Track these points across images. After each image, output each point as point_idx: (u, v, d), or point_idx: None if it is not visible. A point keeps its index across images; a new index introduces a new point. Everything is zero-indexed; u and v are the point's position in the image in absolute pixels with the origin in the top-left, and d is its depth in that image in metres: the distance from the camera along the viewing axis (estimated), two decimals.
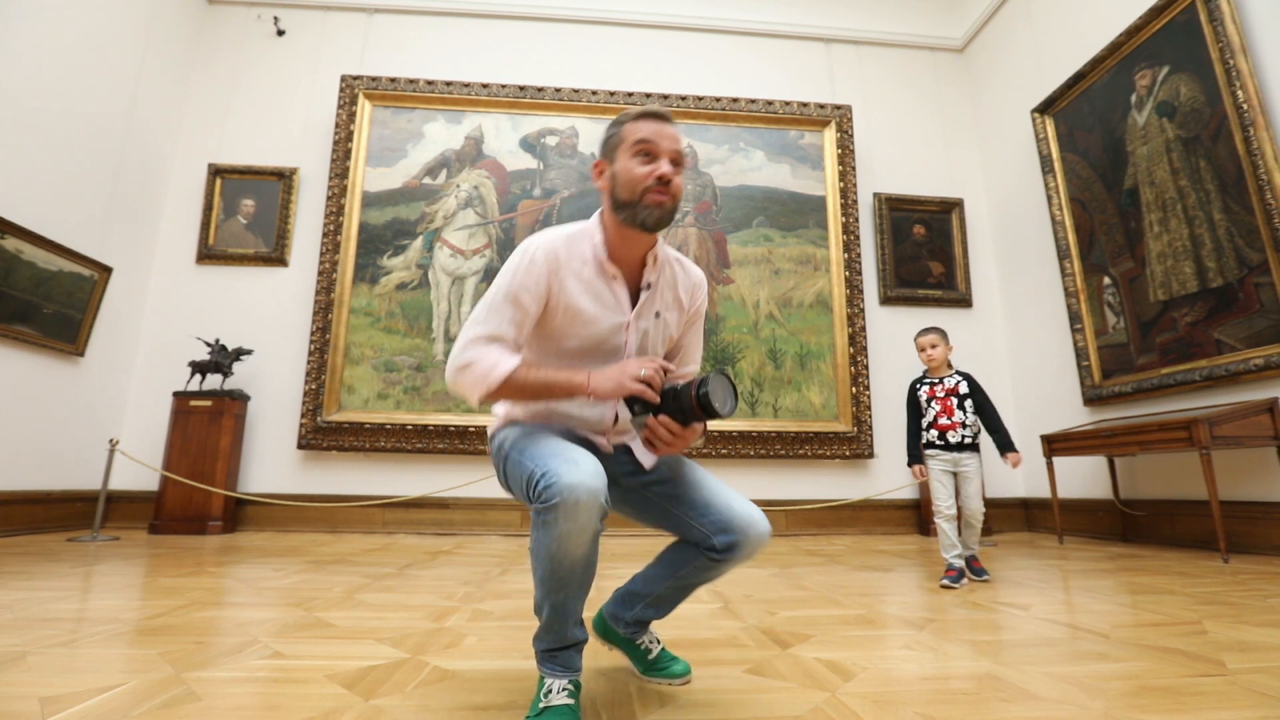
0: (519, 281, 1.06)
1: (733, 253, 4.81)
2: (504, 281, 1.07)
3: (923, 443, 2.48)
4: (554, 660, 1.01)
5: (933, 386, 2.50)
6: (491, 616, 1.74)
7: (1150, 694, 1.11)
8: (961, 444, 2.42)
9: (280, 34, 4.95)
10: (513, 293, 1.06)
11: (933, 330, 2.54)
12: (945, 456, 2.43)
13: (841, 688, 1.14)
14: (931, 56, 5.47)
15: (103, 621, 1.58)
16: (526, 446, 1.02)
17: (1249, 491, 3.11)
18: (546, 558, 0.95)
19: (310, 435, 4.22)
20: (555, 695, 0.98)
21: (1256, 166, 3.06)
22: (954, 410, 2.42)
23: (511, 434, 1.08)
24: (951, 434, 2.41)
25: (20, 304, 3.51)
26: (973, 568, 2.39)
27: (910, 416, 2.54)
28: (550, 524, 0.92)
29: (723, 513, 1.11)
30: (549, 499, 0.91)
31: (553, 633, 1.00)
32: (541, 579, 0.97)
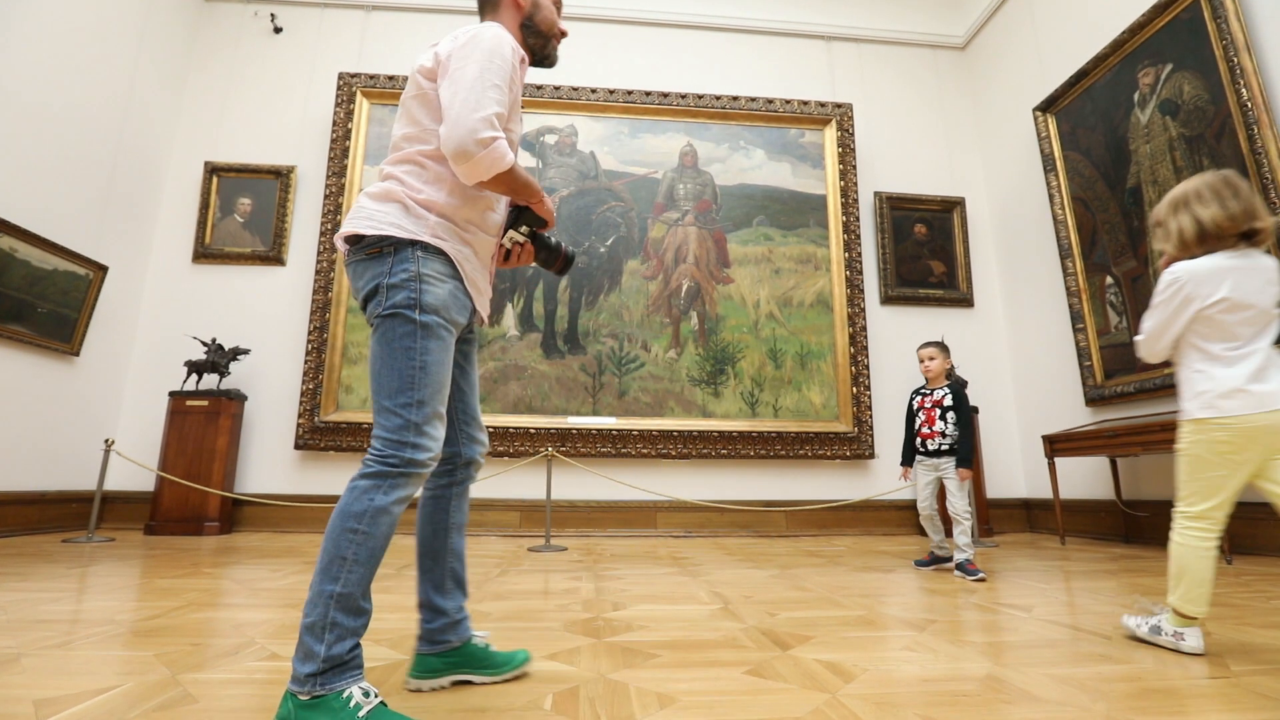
0: (510, 69, 1.06)
1: (733, 252, 4.79)
2: (495, 65, 1.04)
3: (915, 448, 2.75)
4: (354, 660, 0.91)
5: (924, 397, 2.74)
6: (490, 618, 1.73)
7: (1152, 696, 1.11)
8: (940, 450, 2.64)
9: (277, 31, 4.94)
10: (507, 77, 1.05)
11: (933, 344, 2.74)
12: (928, 462, 2.70)
13: (842, 689, 1.13)
14: (933, 54, 5.46)
15: (98, 623, 1.57)
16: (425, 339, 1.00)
17: (1251, 493, 3.09)
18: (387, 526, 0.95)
19: (308, 435, 4.20)
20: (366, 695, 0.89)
21: (1260, 165, 3.04)
22: (935, 420, 2.64)
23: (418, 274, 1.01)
24: (930, 442, 2.67)
25: (15, 303, 3.49)
26: (967, 569, 2.48)
27: (907, 423, 2.81)
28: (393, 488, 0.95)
29: (478, 426, 1.22)
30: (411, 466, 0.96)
31: (361, 616, 0.93)
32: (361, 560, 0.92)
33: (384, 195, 1.06)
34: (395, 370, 0.99)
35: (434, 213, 1.06)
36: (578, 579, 2.44)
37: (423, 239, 1.03)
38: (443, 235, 1.06)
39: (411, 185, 1.06)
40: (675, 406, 4.48)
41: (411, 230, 1.03)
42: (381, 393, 1.00)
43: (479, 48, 1.04)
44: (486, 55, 1.03)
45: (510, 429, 4.30)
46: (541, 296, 4.61)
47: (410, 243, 1.03)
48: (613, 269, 4.69)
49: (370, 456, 0.98)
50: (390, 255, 1.02)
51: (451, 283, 1.06)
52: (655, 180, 4.87)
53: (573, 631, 1.57)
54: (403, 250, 1.02)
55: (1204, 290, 1.30)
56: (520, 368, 4.45)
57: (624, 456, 4.35)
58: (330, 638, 0.90)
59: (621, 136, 4.90)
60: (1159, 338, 1.38)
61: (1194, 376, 1.35)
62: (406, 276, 1.01)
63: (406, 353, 0.99)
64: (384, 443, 0.98)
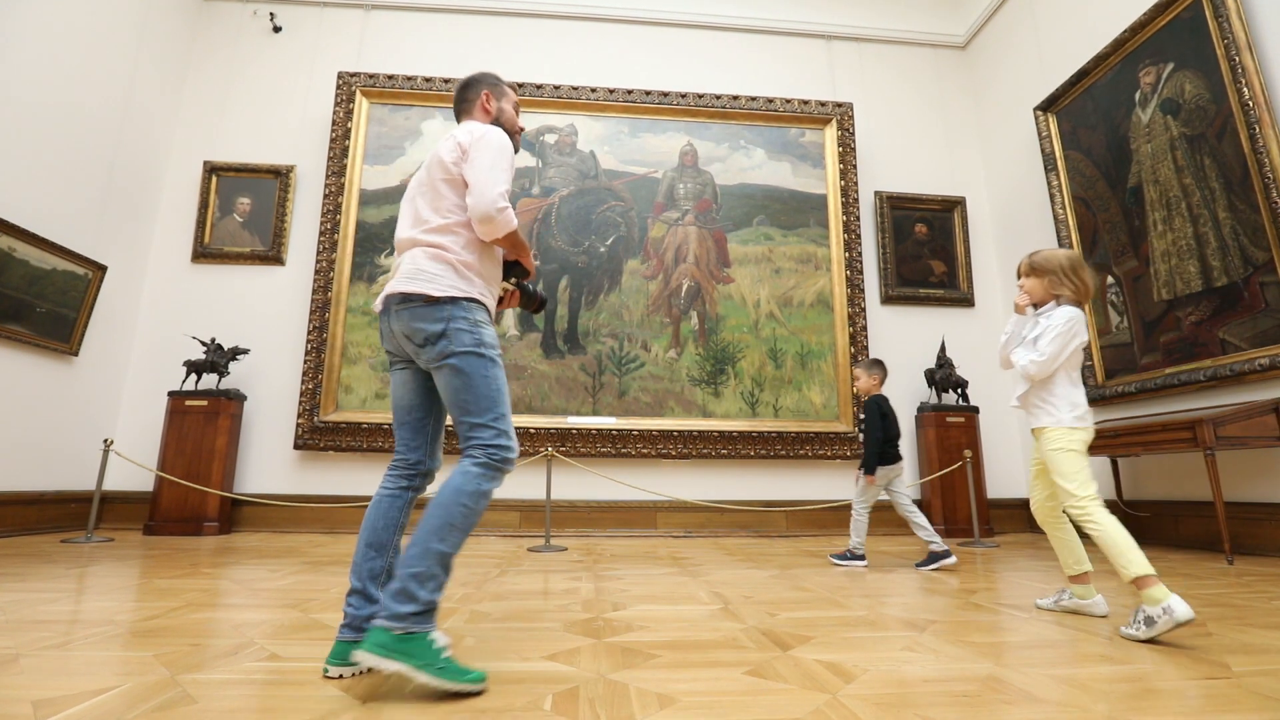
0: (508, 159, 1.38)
1: (733, 251, 4.79)
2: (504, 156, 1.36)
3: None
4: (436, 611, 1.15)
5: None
6: (489, 618, 1.73)
7: (1154, 696, 1.10)
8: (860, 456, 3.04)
9: (276, 30, 4.93)
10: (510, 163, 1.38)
11: (858, 363, 3.16)
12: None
13: (843, 690, 1.13)
14: (933, 54, 5.45)
15: (97, 623, 1.57)
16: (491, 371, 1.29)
17: (1254, 492, 3.10)
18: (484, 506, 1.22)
19: (307, 435, 4.20)
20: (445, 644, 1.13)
21: (1262, 164, 3.04)
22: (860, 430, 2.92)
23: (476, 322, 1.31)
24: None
25: (13, 303, 3.49)
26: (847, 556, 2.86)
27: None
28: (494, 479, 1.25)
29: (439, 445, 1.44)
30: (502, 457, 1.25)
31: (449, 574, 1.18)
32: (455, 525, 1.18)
33: (437, 259, 1.33)
34: (481, 395, 1.27)
35: (474, 273, 1.35)
36: (577, 579, 2.43)
37: (473, 295, 1.33)
38: (483, 291, 1.37)
39: (456, 251, 1.34)
40: (675, 406, 4.47)
41: (465, 289, 1.32)
42: (472, 413, 1.27)
43: (491, 144, 1.36)
44: (497, 149, 1.35)
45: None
46: None
47: (468, 299, 1.32)
48: (613, 269, 4.69)
49: (477, 456, 1.25)
50: (448, 306, 1.29)
51: (490, 324, 1.36)
52: (655, 180, 4.86)
53: (572, 632, 1.57)
54: (459, 304, 1.30)
55: (1083, 331, 1.79)
56: (520, 367, 4.44)
57: (624, 456, 4.35)
58: (431, 586, 1.14)
59: (621, 136, 4.90)
60: (1055, 361, 1.77)
61: (1069, 394, 1.79)
62: (467, 324, 1.29)
63: (485, 380, 1.27)
64: (486, 449, 1.25)
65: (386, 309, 1.35)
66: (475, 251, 1.36)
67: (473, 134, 1.37)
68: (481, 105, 1.50)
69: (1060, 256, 1.85)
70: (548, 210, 4.75)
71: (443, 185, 1.36)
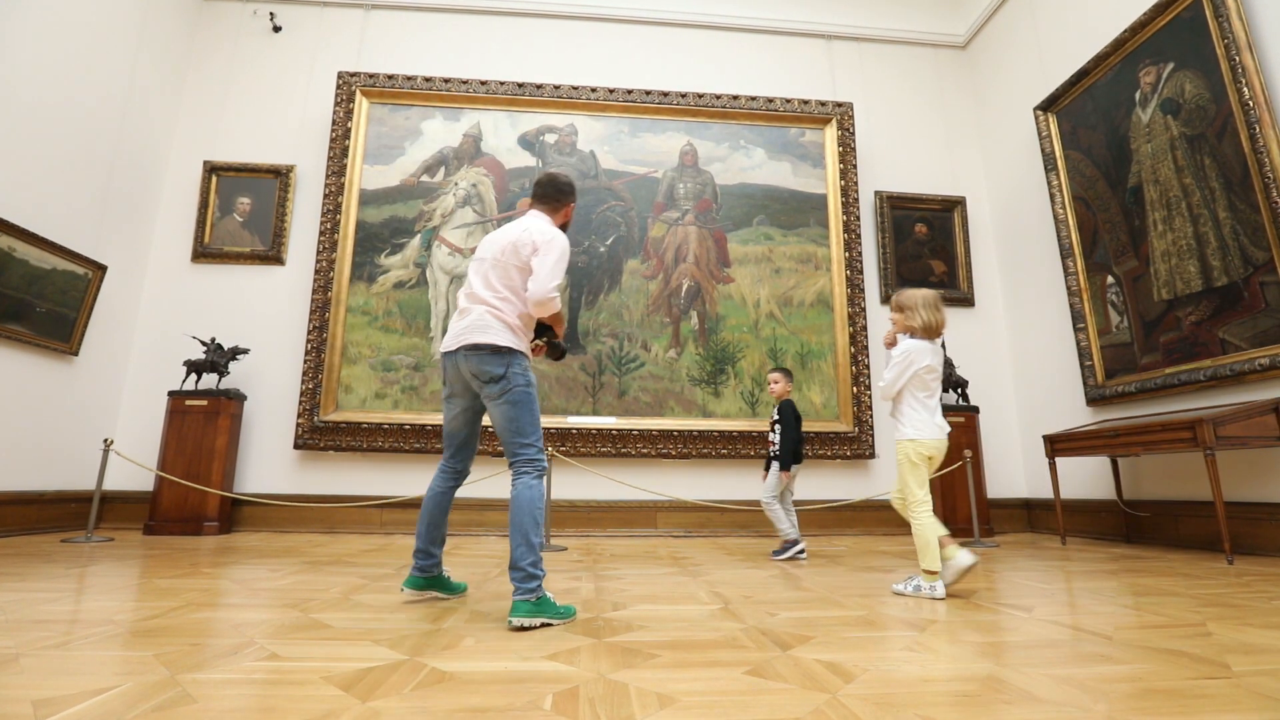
0: (566, 259, 1.87)
1: (733, 251, 4.79)
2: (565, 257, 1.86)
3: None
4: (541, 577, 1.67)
5: (771, 415, 3.38)
6: (490, 618, 1.73)
7: (1154, 696, 1.10)
8: (774, 456, 3.29)
9: (276, 30, 4.93)
10: (565, 263, 1.86)
11: (777, 370, 3.45)
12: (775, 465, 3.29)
13: (842, 689, 1.13)
14: (933, 53, 5.45)
15: (97, 623, 1.57)
16: (535, 404, 1.81)
17: (1254, 492, 3.10)
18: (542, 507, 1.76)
19: (307, 435, 4.20)
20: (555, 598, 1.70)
21: (1262, 164, 3.04)
22: (770, 431, 3.34)
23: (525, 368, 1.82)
24: (771, 449, 3.32)
25: (13, 302, 3.49)
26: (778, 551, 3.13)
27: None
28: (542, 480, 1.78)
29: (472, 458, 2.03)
30: (543, 466, 1.79)
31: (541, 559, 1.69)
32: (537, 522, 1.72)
33: (500, 319, 1.82)
34: (527, 422, 1.78)
35: (521, 333, 1.85)
36: (578, 579, 2.44)
37: (523, 349, 1.83)
38: (526, 346, 1.87)
39: (512, 317, 1.83)
40: (675, 406, 4.48)
41: (517, 344, 1.82)
42: (523, 435, 1.78)
43: (557, 247, 1.84)
44: (560, 252, 1.84)
45: None
46: None
47: (520, 351, 1.82)
48: (613, 268, 4.69)
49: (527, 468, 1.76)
50: (508, 355, 1.79)
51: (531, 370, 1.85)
52: (655, 179, 4.86)
53: (572, 631, 1.57)
54: (516, 355, 1.80)
55: (921, 360, 2.14)
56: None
57: (624, 456, 4.35)
58: (539, 566, 1.68)
59: (621, 136, 4.90)
60: (894, 385, 2.16)
61: (909, 413, 2.14)
62: (520, 370, 1.80)
63: (532, 412, 1.80)
64: (534, 462, 1.78)
65: (454, 352, 1.82)
66: (523, 318, 1.84)
67: (545, 235, 1.84)
68: (565, 212, 1.99)
69: (916, 296, 2.19)
70: None
71: (513, 270, 1.84)
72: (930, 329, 2.15)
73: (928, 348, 2.14)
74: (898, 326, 2.22)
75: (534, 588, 1.62)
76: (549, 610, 1.61)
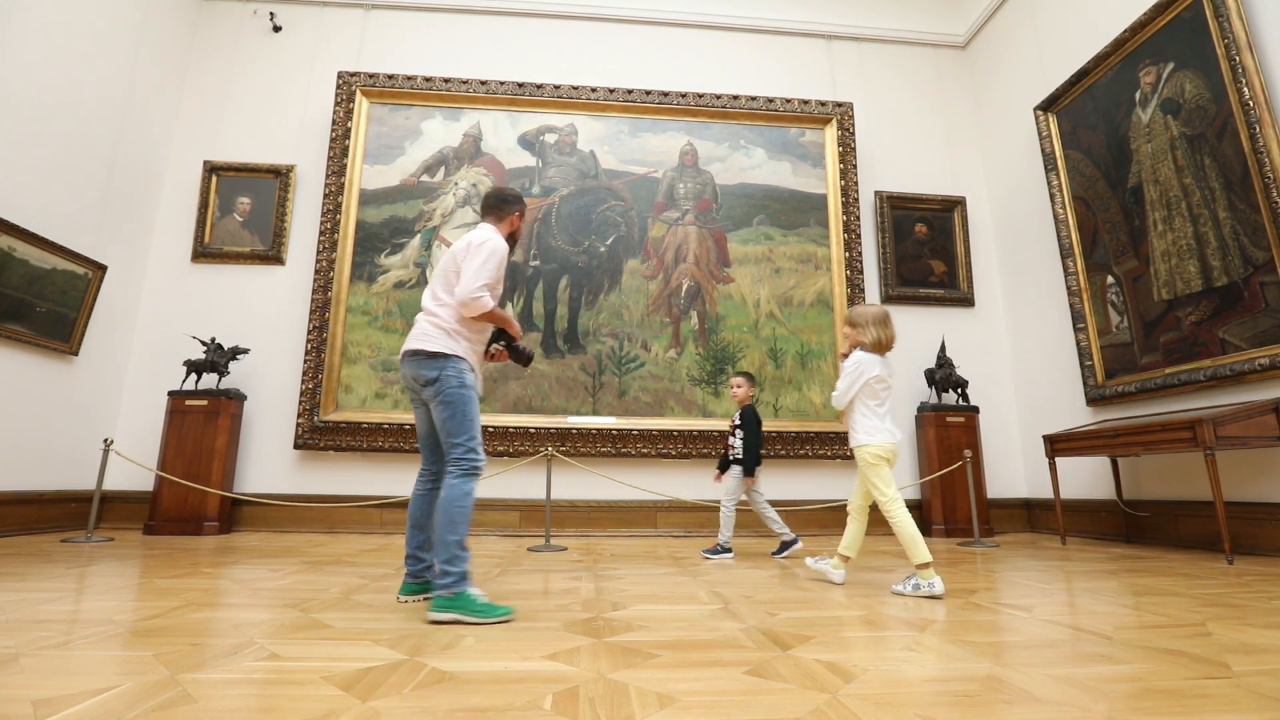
0: (500, 259, 1.91)
1: (733, 251, 4.79)
2: (494, 258, 1.89)
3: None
4: (469, 576, 1.71)
5: (732, 419, 3.42)
6: None
7: (1153, 696, 1.10)
8: (733, 459, 3.34)
9: (276, 30, 4.93)
10: (499, 264, 1.91)
11: (740, 374, 3.47)
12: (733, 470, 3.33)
13: (842, 689, 1.13)
14: (934, 53, 5.45)
15: (97, 623, 1.57)
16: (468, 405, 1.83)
17: (1254, 492, 3.10)
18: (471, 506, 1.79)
19: (307, 435, 4.20)
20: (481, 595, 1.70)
21: (1262, 164, 3.04)
22: (731, 435, 3.38)
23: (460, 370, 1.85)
24: (730, 453, 3.36)
25: (13, 302, 3.49)
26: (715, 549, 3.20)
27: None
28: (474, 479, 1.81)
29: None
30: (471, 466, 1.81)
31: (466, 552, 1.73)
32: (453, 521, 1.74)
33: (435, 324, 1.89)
34: (459, 422, 1.82)
35: (458, 337, 1.89)
36: (577, 579, 2.44)
37: (459, 353, 1.87)
38: (466, 349, 1.90)
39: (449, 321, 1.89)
40: (675, 406, 4.48)
41: (454, 349, 1.87)
42: (453, 435, 1.82)
43: (487, 249, 1.89)
44: (489, 253, 1.89)
45: (510, 429, 4.30)
46: (541, 296, 4.61)
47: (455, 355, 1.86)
48: (613, 268, 4.69)
49: (453, 467, 1.80)
50: (442, 360, 1.85)
51: (471, 372, 1.90)
52: (655, 179, 4.86)
53: (572, 631, 1.57)
54: (450, 359, 1.85)
55: (870, 370, 2.28)
56: (519, 367, 4.44)
57: (624, 456, 4.35)
58: (457, 563, 1.71)
59: (621, 135, 4.90)
60: (846, 394, 2.32)
61: (862, 420, 2.30)
62: (456, 371, 1.85)
63: (463, 410, 1.83)
64: (461, 461, 1.80)
65: (402, 360, 1.92)
66: (466, 323, 1.89)
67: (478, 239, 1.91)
68: (510, 221, 2.06)
69: (868, 313, 2.35)
70: (548, 210, 4.74)
71: (453, 276, 1.91)
72: (880, 344, 2.31)
73: (877, 360, 2.30)
74: (850, 341, 2.37)
75: (449, 583, 1.67)
76: (465, 607, 1.64)
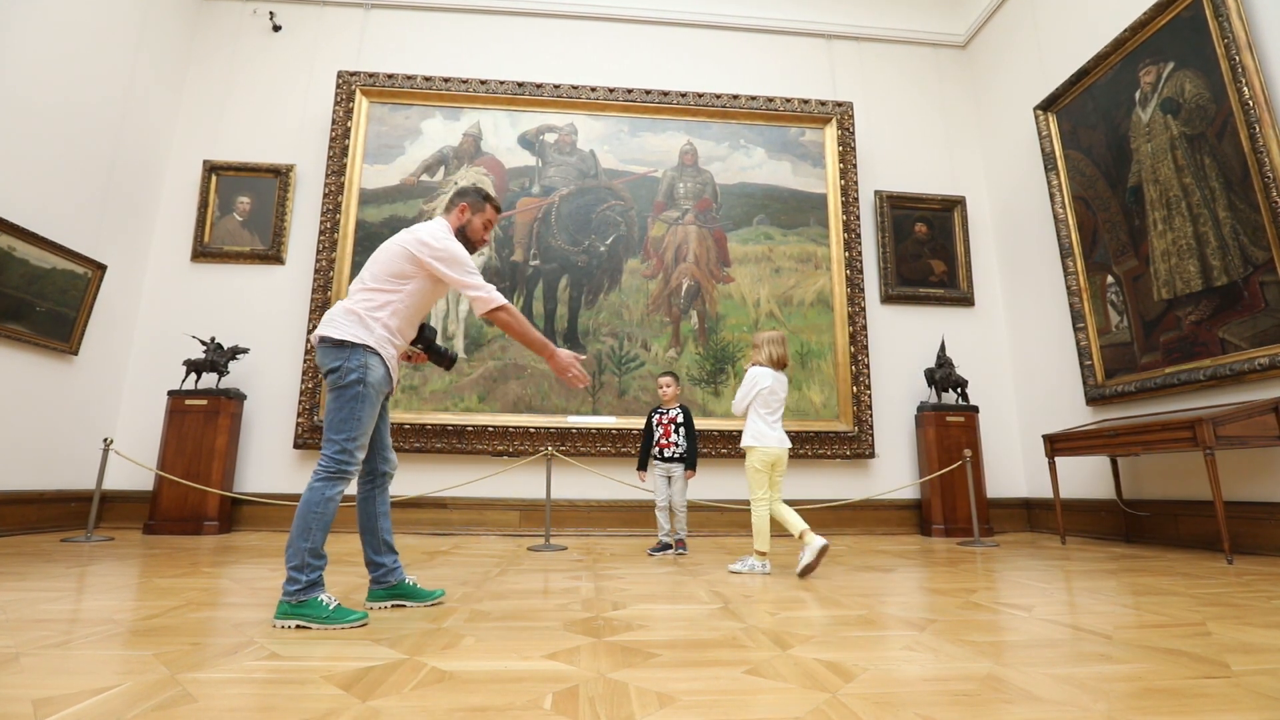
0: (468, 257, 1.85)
1: (733, 251, 4.79)
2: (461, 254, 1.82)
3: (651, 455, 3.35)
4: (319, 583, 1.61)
5: (661, 416, 3.37)
6: (489, 617, 1.73)
7: (1153, 696, 1.10)
8: (673, 458, 3.28)
9: (276, 29, 4.93)
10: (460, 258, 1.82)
11: (669, 373, 3.46)
12: (662, 466, 3.29)
13: (842, 689, 1.13)
14: (934, 53, 5.45)
15: (97, 622, 1.57)
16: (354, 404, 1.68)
17: (1253, 492, 3.10)
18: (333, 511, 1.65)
19: (307, 434, 4.20)
20: (331, 599, 1.60)
21: (1262, 164, 3.04)
22: (671, 433, 3.30)
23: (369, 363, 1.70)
24: (667, 450, 3.29)
25: (13, 302, 3.49)
26: (677, 547, 3.21)
27: (645, 436, 3.40)
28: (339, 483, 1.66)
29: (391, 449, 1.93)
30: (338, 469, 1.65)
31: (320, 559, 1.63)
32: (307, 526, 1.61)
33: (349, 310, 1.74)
34: (339, 418, 1.67)
35: (379, 325, 1.74)
36: (577, 578, 2.44)
37: (368, 342, 1.71)
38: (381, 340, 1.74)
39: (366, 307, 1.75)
40: None
41: (363, 337, 1.71)
42: (330, 429, 1.67)
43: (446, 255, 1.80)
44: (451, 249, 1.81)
45: (510, 428, 4.30)
46: (541, 295, 4.61)
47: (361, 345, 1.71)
48: (612, 268, 4.69)
49: (319, 465, 1.66)
50: (349, 349, 1.69)
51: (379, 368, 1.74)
52: (655, 179, 4.86)
53: (572, 631, 1.57)
54: (359, 349, 1.70)
55: (763, 382, 2.66)
56: (520, 366, 4.44)
57: (624, 456, 4.35)
58: (306, 571, 1.60)
59: (621, 135, 4.90)
60: (741, 403, 2.69)
61: (754, 424, 2.67)
62: (359, 364, 1.69)
63: (349, 408, 1.67)
64: (325, 461, 1.66)
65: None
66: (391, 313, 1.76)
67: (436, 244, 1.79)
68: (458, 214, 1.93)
69: (765, 336, 2.76)
70: (548, 209, 4.74)
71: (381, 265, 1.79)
72: (774, 361, 2.70)
73: (770, 374, 2.68)
74: (752, 359, 2.76)
75: (294, 591, 1.57)
76: (312, 615, 1.54)
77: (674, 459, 3.27)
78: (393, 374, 1.79)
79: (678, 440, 3.27)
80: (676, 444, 3.27)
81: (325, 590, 1.62)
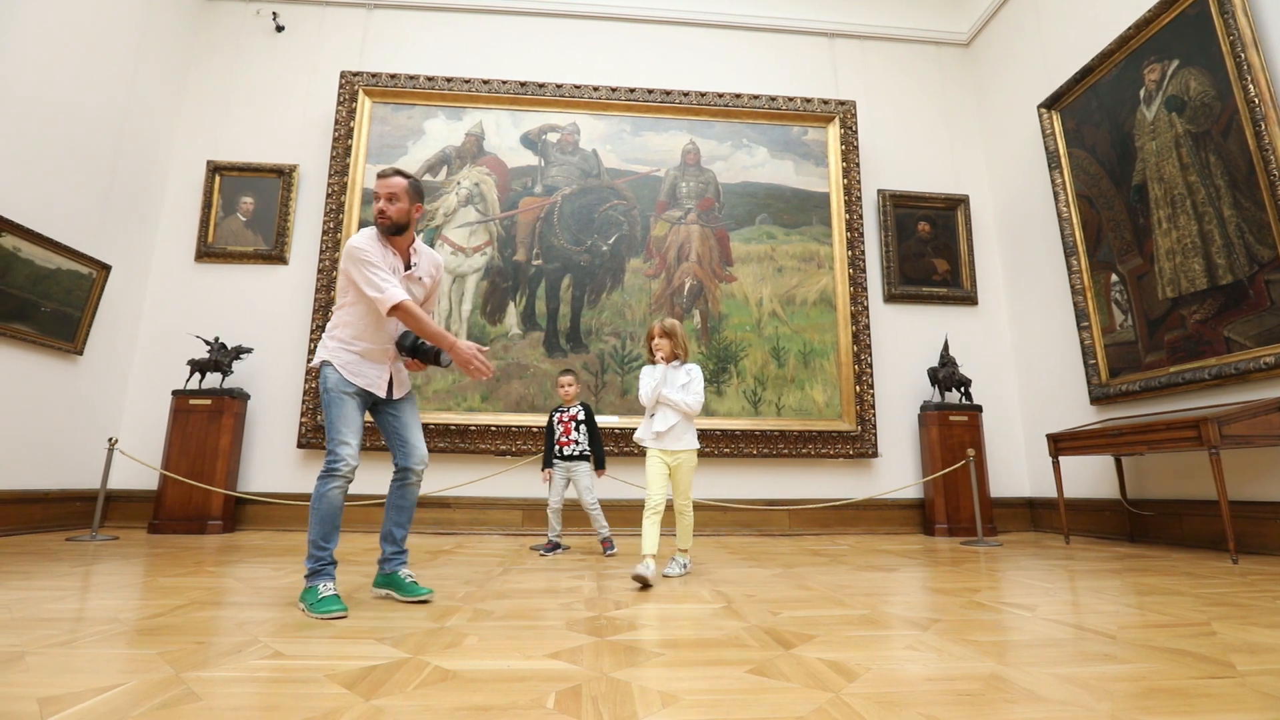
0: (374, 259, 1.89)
1: (735, 250, 4.78)
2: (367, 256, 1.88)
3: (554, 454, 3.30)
4: (323, 571, 1.80)
5: (562, 414, 3.34)
6: (492, 616, 1.73)
7: (1157, 695, 1.10)
8: (574, 455, 3.26)
9: (279, 29, 4.94)
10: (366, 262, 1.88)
11: (568, 372, 3.44)
12: (563, 465, 3.27)
13: (845, 688, 1.12)
14: (937, 51, 5.43)
15: (102, 621, 1.58)
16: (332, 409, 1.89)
17: (1259, 491, 3.08)
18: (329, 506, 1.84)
19: (311, 434, 4.21)
20: (327, 589, 1.75)
21: (1268, 162, 3.02)
22: (571, 431, 3.28)
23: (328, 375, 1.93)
24: (567, 449, 3.26)
25: (18, 302, 3.51)
26: (604, 548, 3.18)
27: (548, 436, 3.37)
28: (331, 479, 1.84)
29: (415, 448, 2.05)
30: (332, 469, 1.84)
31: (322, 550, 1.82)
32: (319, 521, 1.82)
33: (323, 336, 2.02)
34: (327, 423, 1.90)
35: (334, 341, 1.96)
36: (580, 577, 2.44)
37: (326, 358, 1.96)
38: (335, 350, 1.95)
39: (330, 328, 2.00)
40: None
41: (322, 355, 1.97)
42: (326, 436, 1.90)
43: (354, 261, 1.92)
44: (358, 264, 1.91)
45: (512, 427, 4.30)
46: (544, 295, 4.61)
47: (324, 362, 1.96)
48: (615, 267, 4.68)
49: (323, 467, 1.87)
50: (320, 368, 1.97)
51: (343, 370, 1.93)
52: (658, 178, 4.86)
53: (575, 630, 1.57)
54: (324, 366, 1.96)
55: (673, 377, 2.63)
56: (522, 366, 4.45)
57: (626, 455, 4.35)
58: (309, 561, 1.83)
59: (624, 134, 4.89)
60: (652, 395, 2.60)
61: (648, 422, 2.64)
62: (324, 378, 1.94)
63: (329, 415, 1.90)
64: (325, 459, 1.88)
65: None
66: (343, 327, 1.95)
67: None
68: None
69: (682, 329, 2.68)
70: (550, 209, 4.75)
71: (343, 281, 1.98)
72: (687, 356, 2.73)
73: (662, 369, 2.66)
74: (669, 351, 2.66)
75: (305, 576, 1.82)
76: (306, 599, 1.73)
77: (574, 457, 3.24)
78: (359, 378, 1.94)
79: (578, 438, 3.24)
80: (577, 441, 3.23)
81: (329, 580, 1.78)
